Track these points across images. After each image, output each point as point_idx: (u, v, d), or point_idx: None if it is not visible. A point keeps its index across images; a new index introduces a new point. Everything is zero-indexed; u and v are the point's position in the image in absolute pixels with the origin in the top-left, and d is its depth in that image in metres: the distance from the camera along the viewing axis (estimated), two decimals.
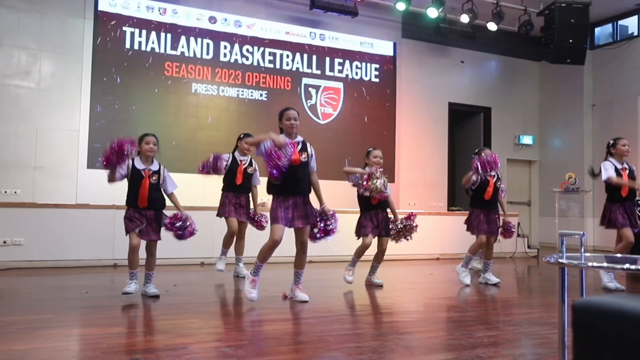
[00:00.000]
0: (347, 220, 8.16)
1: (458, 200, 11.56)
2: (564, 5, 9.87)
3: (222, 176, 5.93)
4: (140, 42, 9.09)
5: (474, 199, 5.95)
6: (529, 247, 9.82)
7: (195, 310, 4.15)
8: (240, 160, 5.91)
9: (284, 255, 6.32)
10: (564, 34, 9.89)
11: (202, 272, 6.71)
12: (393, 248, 5.86)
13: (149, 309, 4.22)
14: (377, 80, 10.93)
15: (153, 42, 9.18)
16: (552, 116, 12.42)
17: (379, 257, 5.66)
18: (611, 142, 5.84)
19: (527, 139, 12.47)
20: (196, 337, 3.30)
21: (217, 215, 5.93)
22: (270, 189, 4.47)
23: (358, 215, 5.62)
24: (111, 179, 4.46)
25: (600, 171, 5.75)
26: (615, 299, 0.98)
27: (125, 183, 4.59)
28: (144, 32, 9.12)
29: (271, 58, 10.05)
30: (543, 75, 12.53)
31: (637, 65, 10.95)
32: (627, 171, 5.69)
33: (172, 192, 4.70)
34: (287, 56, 10.18)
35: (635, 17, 11.24)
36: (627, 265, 2.21)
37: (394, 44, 11.10)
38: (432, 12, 10.01)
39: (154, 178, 4.53)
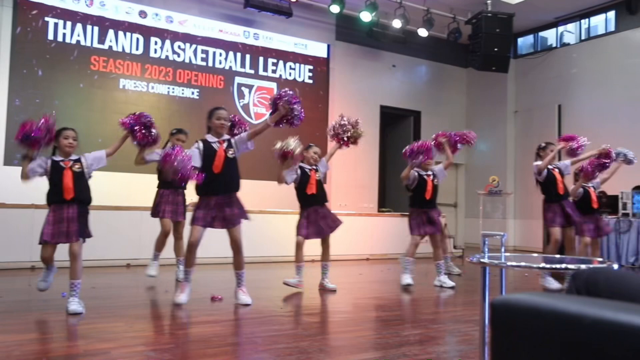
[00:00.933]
0: (277, 221, 8.14)
1: (388, 202, 11.80)
2: (489, 15, 10.28)
3: (157, 173, 5.69)
4: (64, 34, 8.69)
5: (413, 199, 5.97)
6: (454, 247, 10.14)
7: (120, 314, 4.01)
8: None
9: (214, 257, 6.25)
10: (489, 42, 10.30)
11: (129, 274, 6.49)
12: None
13: (70, 314, 4.03)
14: (310, 81, 10.98)
15: (79, 35, 8.80)
16: (478, 121, 12.88)
17: (325, 254, 5.51)
18: (542, 145, 6.13)
19: None
20: (120, 342, 3.18)
21: (152, 214, 5.59)
22: (195, 189, 4.45)
23: (290, 215, 5.58)
24: (24, 175, 4.02)
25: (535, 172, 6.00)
26: (531, 297, 1.01)
27: (46, 181, 4.31)
28: (68, 23, 8.73)
29: (204, 56, 9.88)
30: (470, 82, 12.99)
31: (555, 75, 11.56)
32: (557, 170, 5.99)
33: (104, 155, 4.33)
34: (220, 54, 10.03)
35: (554, 30, 11.87)
36: (542, 265, 2.32)
37: (328, 46, 11.18)
38: (366, 16, 10.16)
39: (76, 166, 4.13)
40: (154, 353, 2.95)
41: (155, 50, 9.43)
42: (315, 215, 5.41)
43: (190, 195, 5.70)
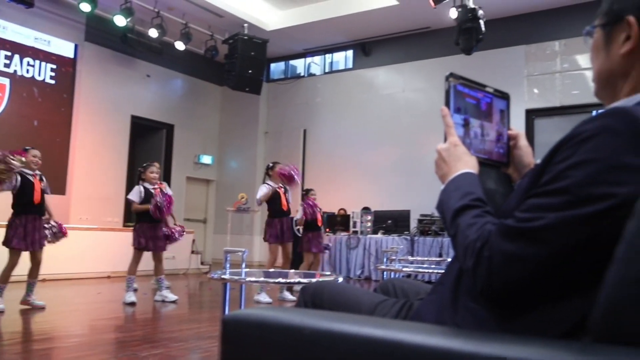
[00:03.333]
0: None
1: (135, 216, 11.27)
2: (246, 38, 10.66)
3: None
4: None
5: (139, 215, 5.91)
6: (202, 263, 10.14)
7: None
8: None
9: None
10: (244, 64, 10.66)
11: None
12: (57, 266, 5.34)
13: None
14: (52, 81, 9.98)
15: None
16: (230, 139, 13.21)
17: (34, 271, 5.08)
18: (270, 165, 6.62)
19: (206, 159, 12.96)
20: None
21: None
22: None
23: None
24: None
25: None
26: (260, 311, 1.03)
27: None
28: None
29: None
30: (225, 100, 13.26)
31: (303, 101, 12.51)
32: (283, 189, 6.45)
33: None
34: None
35: (303, 60, 12.87)
36: (280, 279, 2.44)
37: (76, 46, 10.32)
38: (120, 20, 9.63)
39: None
40: None
41: None
42: (34, 225, 4.94)
43: None
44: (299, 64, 13.05)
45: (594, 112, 1.08)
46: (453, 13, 8.59)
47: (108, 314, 5.18)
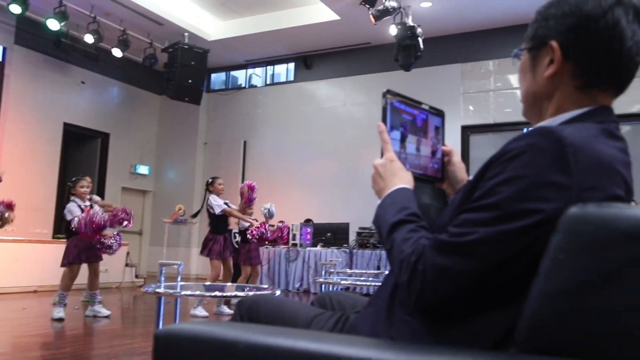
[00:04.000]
0: None
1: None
2: (186, 47, 10.51)
3: None
4: None
5: (68, 229, 5.68)
6: (136, 276, 9.84)
7: None
8: None
9: None
10: (184, 73, 10.49)
11: None
12: None
13: None
14: None
15: None
16: (168, 149, 12.94)
17: None
18: (210, 180, 6.56)
19: (143, 169, 12.63)
20: None
21: None
22: None
23: None
24: None
25: (211, 206, 6.32)
26: (193, 326, 1.02)
27: None
28: None
29: None
30: (163, 109, 12.99)
31: (244, 112, 12.43)
32: (227, 205, 6.43)
33: None
34: None
35: (244, 71, 12.81)
36: (216, 293, 2.40)
37: (4, 49, 9.86)
38: (53, 24, 9.25)
39: None
40: None
41: None
42: None
43: None
44: (240, 75, 12.97)
45: (525, 130, 1.13)
46: (393, 30, 8.80)
47: (34, 331, 4.93)
